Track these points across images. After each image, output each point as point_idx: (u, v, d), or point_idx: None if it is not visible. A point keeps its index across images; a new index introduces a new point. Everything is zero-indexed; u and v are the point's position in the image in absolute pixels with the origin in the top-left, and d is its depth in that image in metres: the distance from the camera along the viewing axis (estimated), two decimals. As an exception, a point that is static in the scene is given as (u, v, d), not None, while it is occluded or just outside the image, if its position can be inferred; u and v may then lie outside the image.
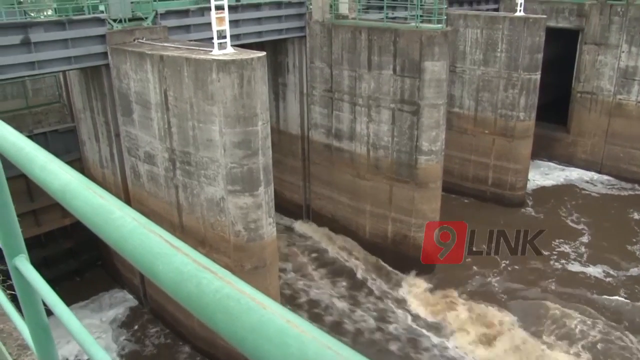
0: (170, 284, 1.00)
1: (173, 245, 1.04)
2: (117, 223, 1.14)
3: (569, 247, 23.67)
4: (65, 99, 24.09)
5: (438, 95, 19.79)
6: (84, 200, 1.26)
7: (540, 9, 30.31)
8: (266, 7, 21.48)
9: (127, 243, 1.10)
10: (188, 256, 1.01)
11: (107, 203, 1.21)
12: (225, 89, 14.27)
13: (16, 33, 15.77)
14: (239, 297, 0.92)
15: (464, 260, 22.22)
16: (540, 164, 31.56)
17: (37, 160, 1.49)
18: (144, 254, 1.06)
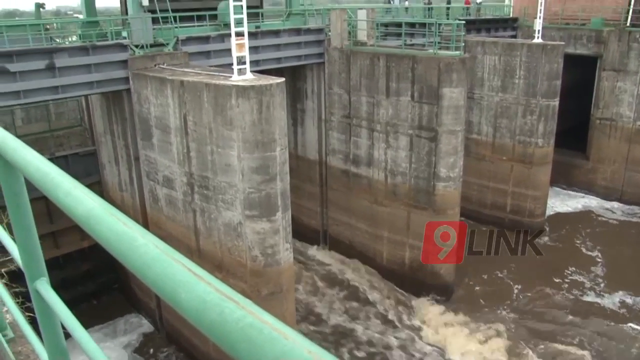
0: (192, 312, 1.00)
1: (196, 273, 1.05)
2: (140, 250, 1.15)
3: (587, 275, 23.31)
4: (86, 123, 24.48)
5: (456, 121, 19.77)
6: (108, 227, 1.27)
7: (558, 36, 30.35)
8: (285, 34, 21.75)
9: (149, 270, 1.11)
10: (210, 285, 1.01)
11: (130, 230, 1.22)
12: (244, 114, 14.40)
13: (42, 58, 16.15)
14: (261, 327, 0.92)
15: (480, 286, 22.01)
16: (559, 191, 31.27)
17: (62, 186, 1.51)
18: (166, 281, 1.07)
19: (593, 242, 25.97)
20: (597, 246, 25.59)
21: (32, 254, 2.07)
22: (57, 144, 23.71)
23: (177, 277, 1.05)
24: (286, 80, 15.54)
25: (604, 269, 23.81)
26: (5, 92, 15.72)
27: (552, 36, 30.03)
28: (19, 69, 15.74)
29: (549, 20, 31.23)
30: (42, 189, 1.59)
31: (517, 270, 23.35)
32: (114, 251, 1.24)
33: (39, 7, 22.71)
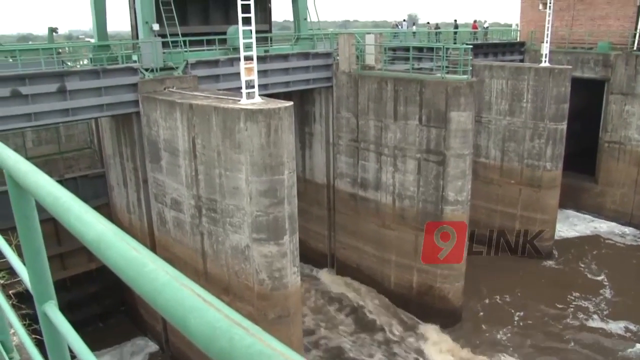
0: (202, 338, 1.00)
1: (205, 299, 1.05)
2: (150, 276, 1.15)
3: (594, 301, 23.03)
4: (96, 145, 24.66)
5: (464, 145, 19.78)
6: (118, 252, 1.28)
7: (565, 60, 30.44)
8: (294, 58, 21.95)
9: (159, 296, 1.11)
10: (220, 311, 1.01)
11: (140, 255, 1.22)
12: (252, 137, 14.47)
13: (53, 81, 16.37)
14: (270, 354, 0.92)
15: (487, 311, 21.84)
16: (568, 214, 31.07)
17: (72, 210, 1.52)
18: (176, 307, 1.07)
19: (601, 267, 25.72)
20: (605, 271, 25.33)
21: (41, 277, 2.08)
22: (66, 165, 23.86)
23: (187, 303, 1.05)
24: (294, 104, 15.64)
25: (612, 294, 23.53)
26: (17, 114, 15.92)
27: (559, 60, 30.13)
28: (31, 91, 15.96)
29: (556, 45, 31.37)
30: (54, 213, 1.60)
31: (524, 294, 23.16)
32: (124, 276, 1.24)
33: (52, 31, 23.08)
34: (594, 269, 25.65)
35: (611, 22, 32.09)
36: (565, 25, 33.37)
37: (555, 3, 27.93)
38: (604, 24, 32.35)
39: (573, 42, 32.73)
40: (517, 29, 37.10)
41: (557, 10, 30.80)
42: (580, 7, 33.22)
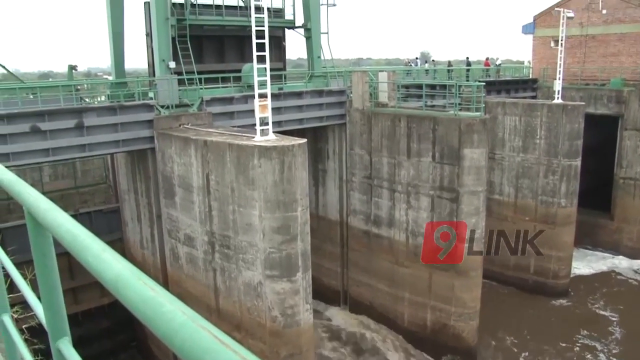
0: (218, 380, 1.00)
1: (222, 341, 1.05)
2: (167, 316, 1.16)
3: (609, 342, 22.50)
4: (111, 180, 24.89)
5: (477, 182, 19.71)
6: (136, 292, 1.29)
7: (578, 96, 30.48)
8: (308, 95, 22.17)
9: (176, 337, 1.11)
10: (237, 353, 1.02)
11: (157, 295, 1.23)
12: (266, 174, 14.54)
13: (72, 117, 16.67)
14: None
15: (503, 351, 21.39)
16: (585, 251, 30.65)
17: (91, 249, 1.54)
18: (193, 348, 1.07)
19: (617, 305, 25.22)
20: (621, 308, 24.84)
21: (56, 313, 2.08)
22: (81, 200, 24.09)
23: (204, 345, 1.06)
24: (308, 141, 15.72)
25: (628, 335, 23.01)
26: (35, 149, 16.19)
27: (572, 96, 30.18)
28: (49, 127, 16.25)
29: (569, 81, 31.50)
30: (72, 251, 1.62)
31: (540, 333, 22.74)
32: (141, 316, 1.25)
33: (71, 68, 23.58)
34: (610, 307, 25.16)
35: (623, 58, 32.23)
36: (578, 62, 33.54)
37: (567, 41, 28.13)
38: (616, 60, 32.50)
39: (585, 79, 32.85)
40: (530, 66, 37.32)
41: (568, 48, 30.99)
42: (592, 44, 33.43)
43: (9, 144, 15.72)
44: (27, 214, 1.96)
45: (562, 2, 33.45)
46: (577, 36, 33.37)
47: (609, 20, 32.70)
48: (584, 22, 33.18)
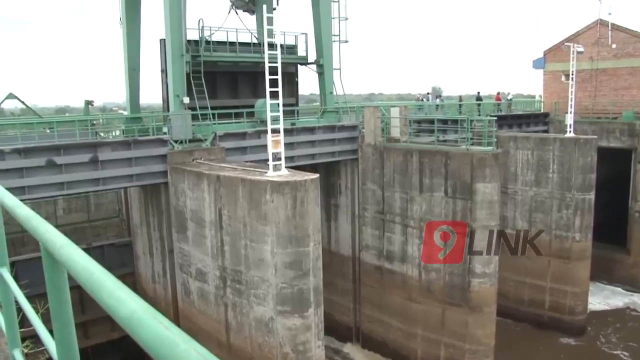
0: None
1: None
2: (182, 356, 1.16)
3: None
4: (124, 214, 25.03)
5: (490, 216, 19.59)
6: (150, 330, 1.29)
7: (590, 130, 30.42)
8: (320, 131, 22.31)
9: (190, 376, 1.11)
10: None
11: (172, 334, 1.24)
12: (278, 209, 14.55)
13: (87, 152, 16.90)
14: None
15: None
16: (601, 287, 30.15)
17: (106, 287, 1.55)
18: (206, 387, 1.07)
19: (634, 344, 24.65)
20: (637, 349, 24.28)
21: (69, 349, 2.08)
22: (94, 234, 24.21)
23: (218, 385, 1.06)
24: (320, 176, 15.77)
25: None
26: (51, 183, 16.37)
27: (584, 130, 30.13)
28: (65, 161, 16.47)
29: (580, 115, 31.51)
30: (87, 288, 1.63)
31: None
32: (155, 355, 1.25)
33: (88, 103, 24.04)
34: (627, 346, 24.60)
35: (635, 92, 32.28)
36: (589, 96, 33.60)
37: (578, 75, 28.24)
38: (628, 94, 32.53)
39: (597, 112, 32.86)
40: (541, 100, 37.41)
41: (579, 82, 31.08)
42: (603, 78, 33.53)
43: (25, 177, 15.95)
44: (43, 249, 1.98)
45: (571, 37, 33.71)
46: (588, 70, 33.51)
47: (619, 55, 32.85)
48: (594, 56, 33.35)
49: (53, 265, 1.98)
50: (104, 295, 1.53)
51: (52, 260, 1.96)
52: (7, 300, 2.89)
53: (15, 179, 15.75)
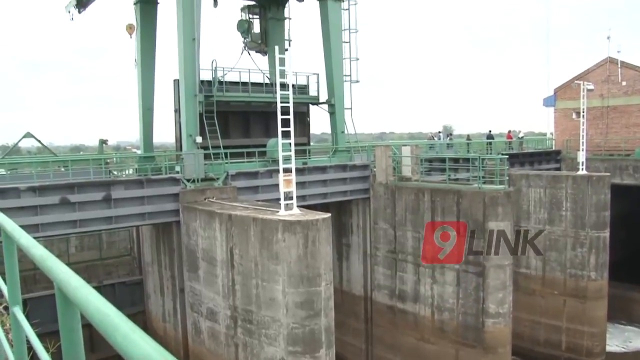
0: None
1: None
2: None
3: None
4: (135, 253, 25.07)
5: (504, 255, 19.41)
6: (163, 373, 1.29)
7: (602, 167, 30.30)
8: (332, 170, 22.40)
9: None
10: None
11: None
12: (290, 248, 14.51)
13: (100, 190, 17.06)
14: None
15: None
16: (619, 327, 29.51)
17: (120, 329, 1.56)
18: None
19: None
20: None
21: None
22: (106, 272, 24.22)
23: None
24: (332, 215, 15.73)
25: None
26: (64, 221, 16.49)
27: (596, 167, 30.01)
28: (78, 199, 16.63)
29: (592, 152, 31.43)
30: (101, 330, 1.64)
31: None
32: (167, 398, 1.25)
33: (102, 142, 24.39)
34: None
35: (646, 128, 32.25)
36: (600, 133, 33.59)
37: (589, 112, 28.29)
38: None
39: (609, 149, 32.77)
40: (552, 138, 37.42)
41: (590, 119, 31.12)
42: (614, 115, 33.56)
43: (39, 215, 16.10)
44: (57, 290, 2.00)
45: (581, 75, 33.90)
46: (599, 107, 33.60)
47: (630, 92, 32.94)
48: (604, 93, 33.48)
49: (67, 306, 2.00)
50: (118, 337, 1.54)
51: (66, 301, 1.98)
52: (18, 339, 2.90)
53: (30, 217, 15.91)
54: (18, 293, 2.99)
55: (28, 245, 2.33)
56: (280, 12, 27.08)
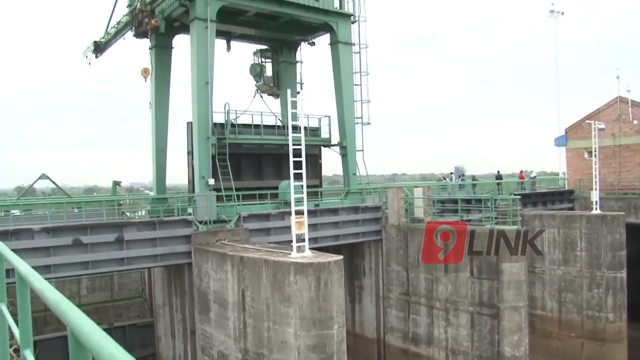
0: None
1: None
2: None
3: None
4: (146, 294, 24.97)
5: (518, 297, 19.13)
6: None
7: (617, 206, 30.04)
8: (344, 212, 22.38)
9: None
10: None
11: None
12: (302, 291, 14.40)
13: (113, 232, 17.15)
14: None
15: None
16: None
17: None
18: None
19: None
20: None
21: None
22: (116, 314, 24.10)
23: None
24: (344, 257, 15.65)
25: None
26: (76, 262, 16.54)
27: (610, 206, 29.74)
28: (91, 240, 16.72)
29: (606, 191, 31.21)
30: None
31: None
32: None
33: (115, 184, 24.64)
34: None
35: (659, 167, 32.06)
36: (613, 172, 33.42)
37: (601, 151, 28.24)
38: (653, 169, 32.33)
39: (623, 188, 32.54)
40: (565, 178, 37.26)
41: (603, 158, 31.01)
42: (627, 154, 33.42)
43: (52, 256, 16.18)
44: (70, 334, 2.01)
45: (592, 115, 33.94)
46: (611, 146, 33.52)
47: (641, 130, 32.89)
48: (615, 132, 33.44)
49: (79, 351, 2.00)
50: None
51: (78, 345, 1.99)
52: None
53: (43, 258, 16.00)
54: (30, 336, 3.00)
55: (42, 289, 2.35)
56: (292, 56, 27.57)
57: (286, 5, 22.78)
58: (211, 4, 20.78)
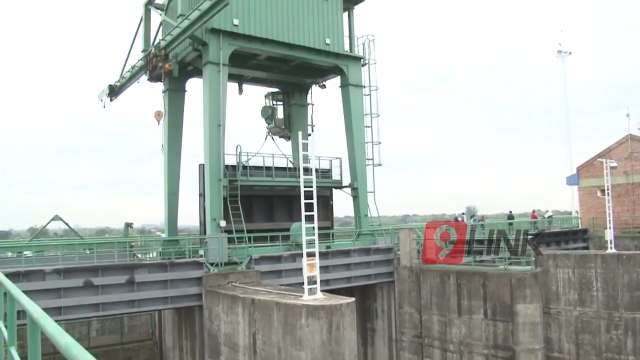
0: None
1: None
2: None
3: None
4: (157, 337, 24.76)
5: (534, 339, 18.78)
6: None
7: (632, 245, 29.67)
8: (355, 254, 22.28)
9: None
10: None
11: None
12: (313, 334, 14.22)
13: (124, 273, 17.18)
14: None
15: None
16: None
17: None
18: None
19: None
20: None
21: None
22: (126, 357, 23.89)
23: None
24: (356, 299, 15.48)
25: None
26: (86, 304, 16.51)
27: (625, 245, 29.35)
28: (102, 282, 16.74)
29: (620, 230, 30.89)
30: None
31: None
32: None
33: (127, 226, 24.74)
34: None
35: (674, 204, 31.73)
36: (627, 210, 33.12)
37: (614, 189, 28.05)
38: (667, 206, 32.02)
39: (638, 227, 32.17)
40: (578, 217, 36.95)
41: (616, 196, 30.79)
42: (640, 192, 33.17)
43: (63, 297, 16.18)
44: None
45: (603, 153, 33.86)
46: (624, 184, 33.32)
47: (654, 168, 32.73)
48: (628, 170, 33.29)
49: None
50: None
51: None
52: None
53: (53, 299, 15.98)
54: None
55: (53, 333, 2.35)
56: (303, 98, 27.91)
57: (297, 49, 23.18)
58: (224, 48, 21.19)
